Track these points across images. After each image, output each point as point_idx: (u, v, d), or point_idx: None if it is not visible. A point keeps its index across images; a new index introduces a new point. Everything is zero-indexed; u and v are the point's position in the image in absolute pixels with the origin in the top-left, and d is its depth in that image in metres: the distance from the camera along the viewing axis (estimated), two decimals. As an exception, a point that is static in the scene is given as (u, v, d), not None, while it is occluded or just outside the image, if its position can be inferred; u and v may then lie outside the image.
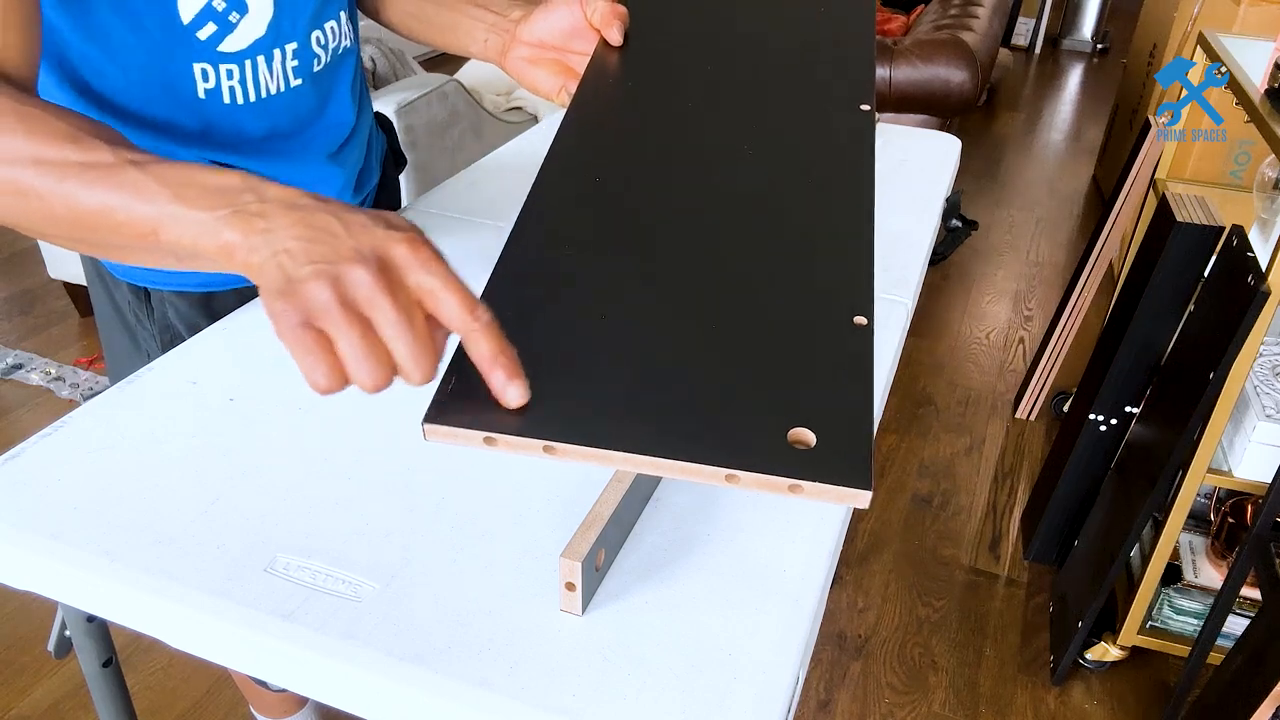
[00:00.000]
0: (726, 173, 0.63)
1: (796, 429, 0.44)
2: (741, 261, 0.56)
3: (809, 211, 0.59)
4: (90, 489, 0.63)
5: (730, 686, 0.51)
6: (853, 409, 0.45)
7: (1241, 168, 2.17)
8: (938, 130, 1.40)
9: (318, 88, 0.87)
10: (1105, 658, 1.59)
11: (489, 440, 0.46)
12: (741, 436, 0.45)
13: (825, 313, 0.51)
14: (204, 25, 0.75)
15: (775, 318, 0.51)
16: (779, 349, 0.50)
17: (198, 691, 1.52)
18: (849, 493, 0.42)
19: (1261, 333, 1.24)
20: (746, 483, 0.43)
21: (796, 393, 0.47)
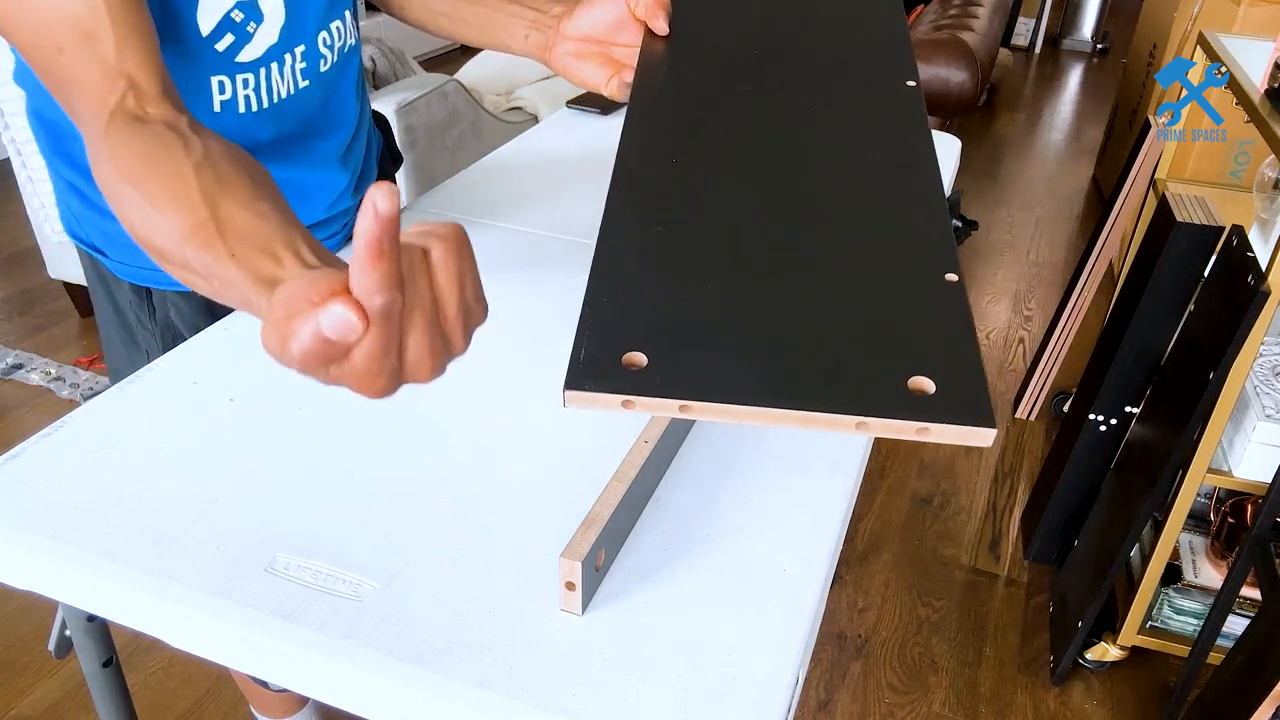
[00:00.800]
0: (795, 150, 0.65)
1: (916, 377, 0.46)
2: (830, 230, 0.58)
3: (882, 181, 0.62)
4: (90, 489, 0.63)
5: (730, 686, 0.51)
6: (965, 356, 0.48)
7: (1241, 168, 2.17)
8: (938, 130, 1.40)
9: (323, 88, 0.87)
10: (1105, 658, 1.59)
11: (627, 403, 0.48)
12: (865, 386, 0.47)
13: (920, 271, 0.53)
14: (222, 37, 0.75)
15: (874, 277, 0.54)
16: (883, 305, 0.52)
17: (198, 691, 1.52)
18: (973, 432, 0.44)
19: (1261, 333, 1.24)
20: (875, 429, 0.45)
21: (909, 344, 0.49)
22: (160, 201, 0.58)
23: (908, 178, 0.62)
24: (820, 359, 0.49)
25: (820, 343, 0.50)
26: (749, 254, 0.57)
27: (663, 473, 0.66)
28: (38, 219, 2.31)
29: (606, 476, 0.59)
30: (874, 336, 0.50)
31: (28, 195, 2.27)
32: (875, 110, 0.69)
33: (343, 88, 0.90)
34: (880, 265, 0.55)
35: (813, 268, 0.55)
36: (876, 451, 2.14)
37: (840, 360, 0.49)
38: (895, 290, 0.53)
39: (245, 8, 0.76)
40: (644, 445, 0.62)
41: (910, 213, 0.59)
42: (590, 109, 1.33)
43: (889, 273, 0.54)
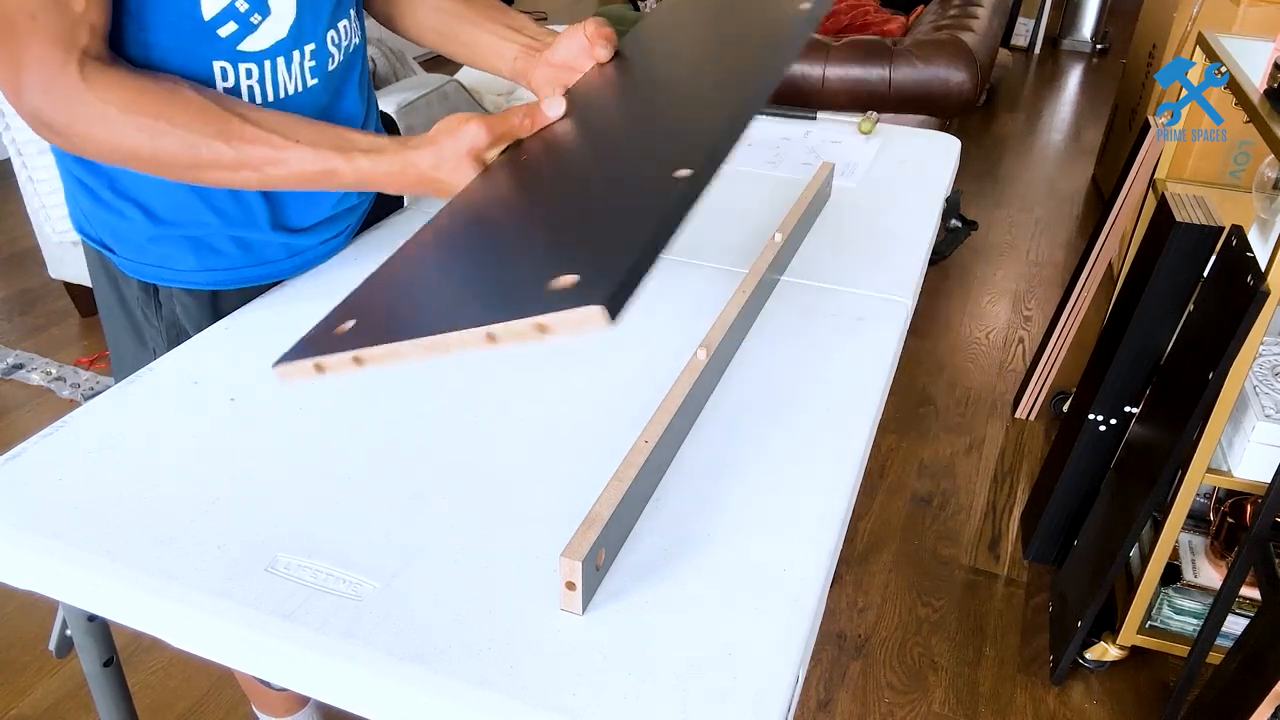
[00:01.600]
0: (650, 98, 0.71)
1: (561, 277, 0.45)
2: (613, 151, 0.61)
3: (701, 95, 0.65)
4: (91, 489, 0.63)
5: (730, 686, 0.51)
6: (623, 245, 0.46)
7: (1241, 168, 2.17)
8: (938, 130, 1.40)
9: (330, 86, 0.88)
10: (1105, 657, 1.59)
11: (317, 366, 0.52)
12: (508, 297, 0.47)
13: (652, 170, 0.54)
14: (225, 24, 0.76)
15: (606, 186, 0.56)
16: (593, 212, 0.53)
17: (198, 691, 1.52)
18: (585, 313, 0.42)
19: (1261, 333, 1.24)
20: (504, 337, 0.45)
21: (579, 245, 0.49)
22: (183, 119, 0.71)
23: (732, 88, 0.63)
24: (487, 281, 0.51)
25: (500, 267, 0.52)
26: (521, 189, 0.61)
27: (663, 473, 0.66)
28: (38, 219, 2.31)
29: (606, 476, 0.59)
30: (556, 244, 0.51)
31: (28, 195, 2.27)
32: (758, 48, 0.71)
33: (349, 86, 0.91)
34: (626, 170, 0.56)
35: (564, 190, 0.58)
36: (876, 452, 2.14)
37: (503, 277, 0.50)
38: (618, 192, 0.54)
39: (251, 0, 0.77)
40: (644, 445, 0.62)
41: (698, 117, 0.60)
42: (590, 109, 1.32)
43: (627, 175, 0.55)
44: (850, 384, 0.77)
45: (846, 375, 0.78)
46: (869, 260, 0.97)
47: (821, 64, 2.46)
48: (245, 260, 0.87)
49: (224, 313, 0.87)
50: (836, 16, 3.59)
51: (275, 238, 0.88)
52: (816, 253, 0.98)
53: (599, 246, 0.48)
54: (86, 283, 2.40)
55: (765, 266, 0.86)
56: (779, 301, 0.89)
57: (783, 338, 0.83)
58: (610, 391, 0.76)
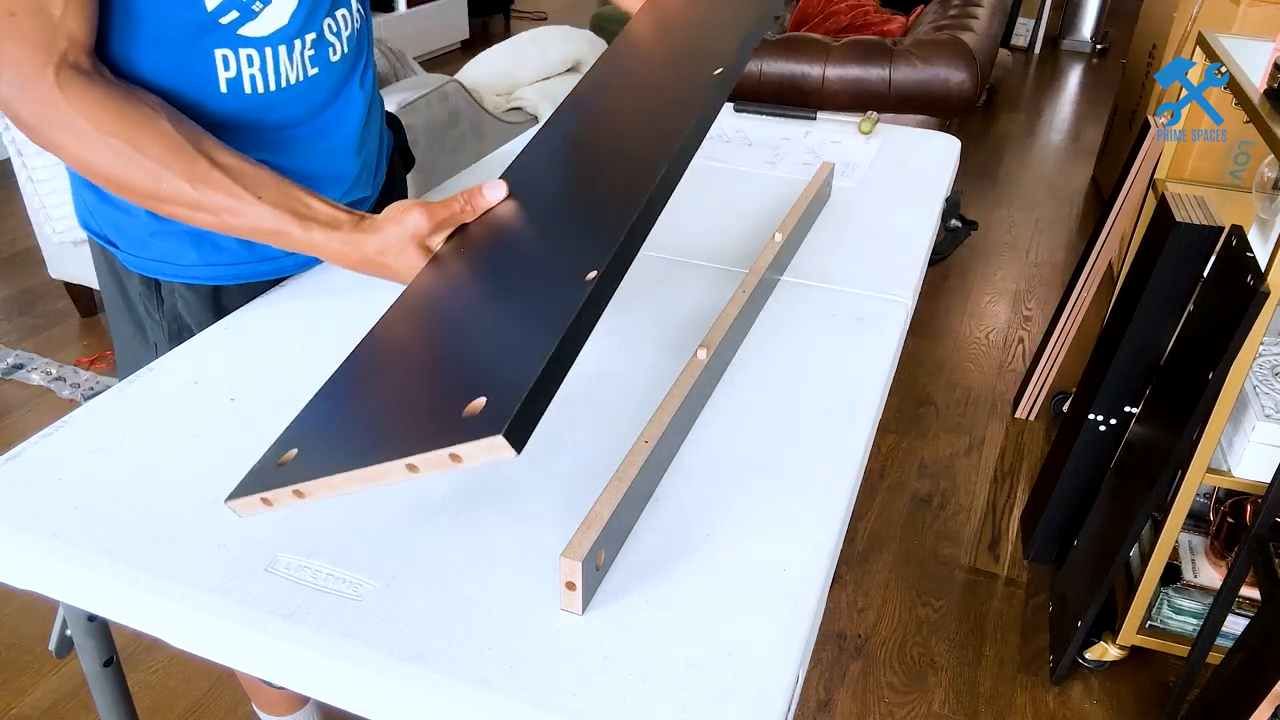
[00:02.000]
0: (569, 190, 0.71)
1: (474, 400, 0.45)
2: (529, 253, 0.61)
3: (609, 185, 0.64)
4: (91, 489, 0.63)
5: (730, 686, 0.51)
6: (527, 362, 0.46)
7: (1241, 168, 2.17)
8: (938, 130, 1.40)
9: (333, 77, 0.88)
10: (1105, 657, 1.59)
11: (264, 500, 0.53)
12: (430, 424, 0.47)
13: (562, 275, 0.53)
14: (227, 11, 0.77)
15: (519, 292, 0.55)
16: (504, 324, 0.53)
17: (199, 690, 1.52)
18: (489, 443, 0.42)
19: (1261, 333, 1.24)
20: (424, 467, 0.45)
21: (495, 362, 0.49)
22: (152, 150, 0.70)
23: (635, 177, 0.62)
24: (411, 410, 0.51)
25: (420, 393, 0.52)
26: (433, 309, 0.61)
27: (663, 473, 0.66)
28: (38, 219, 2.31)
29: (606, 476, 0.59)
30: (475, 362, 0.50)
31: (28, 195, 2.27)
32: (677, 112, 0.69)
33: (353, 80, 0.91)
34: (536, 277, 0.56)
35: (486, 304, 0.57)
36: (876, 452, 2.14)
37: (423, 403, 0.51)
38: (529, 301, 0.53)
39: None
40: (644, 445, 0.62)
41: (605, 215, 0.59)
42: (590, 109, 1.32)
43: (537, 282, 0.55)
44: (850, 384, 0.77)
45: (846, 375, 0.78)
46: (869, 260, 0.97)
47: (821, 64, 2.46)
48: (247, 256, 0.87)
49: (226, 308, 0.87)
50: (836, 17, 3.59)
51: None
52: (816, 253, 0.98)
53: (506, 363, 0.48)
54: (86, 282, 2.40)
55: (765, 266, 0.86)
56: (779, 301, 0.89)
57: (783, 338, 0.83)
58: (610, 391, 0.76)
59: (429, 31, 4.83)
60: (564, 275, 0.54)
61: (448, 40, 5.00)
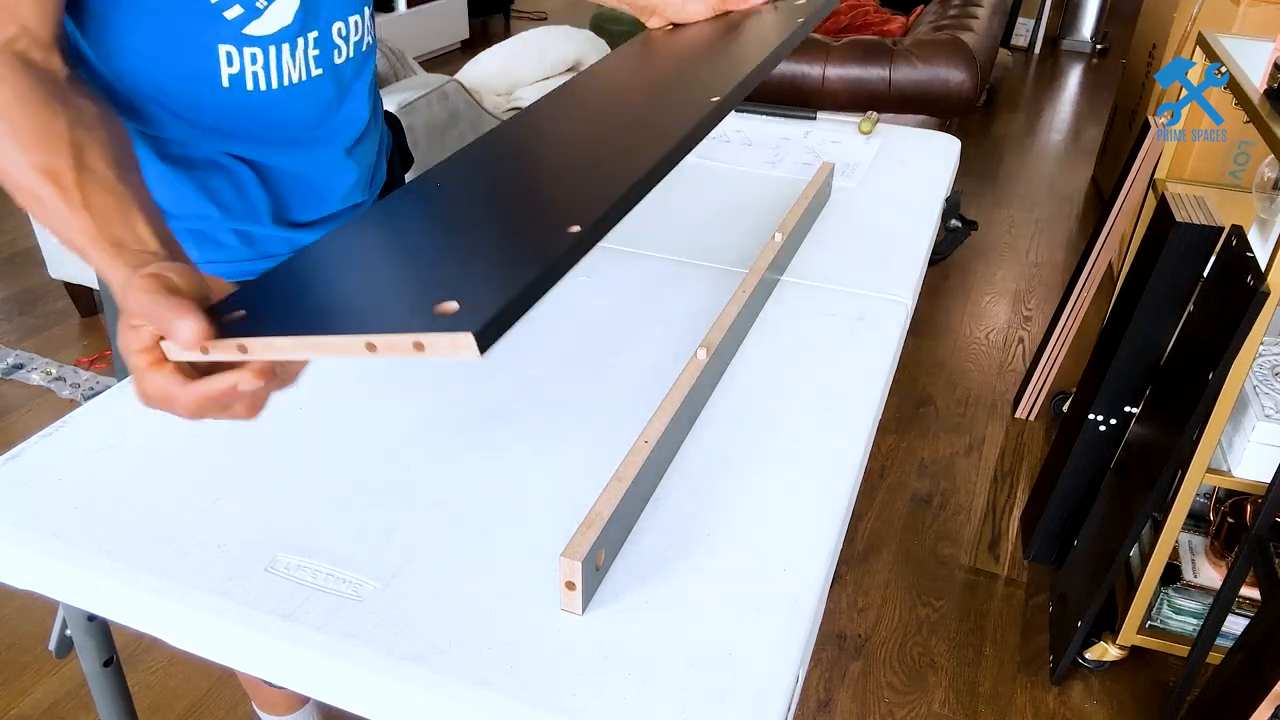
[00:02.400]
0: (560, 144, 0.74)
1: (445, 303, 0.49)
2: (520, 193, 0.65)
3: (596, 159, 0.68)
4: (91, 489, 0.63)
5: (730, 686, 0.51)
6: (506, 280, 0.50)
7: (1241, 168, 2.17)
8: (938, 130, 1.40)
9: (337, 81, 0.88)
10: (1105, 657, 1.59)
11: (203, 348, 0.53)
12: (394, 312, 0.50)
13: (548, 222, 0.57)
14: (230, 6, 0.77)
15: (503, 227, 0.59)
16: (487, 247, 0.57)
17: (198, 690, 1.52)
18: (458, 338, 0.46)
19: (1261, 333, 1.24)
20: (383, 349, 0.48)
21: (468, 275, 0.52)
22: (25, 137, 0.65)
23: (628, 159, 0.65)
24: (378, 294, 0.55)
25: (390, 281, 0.56)
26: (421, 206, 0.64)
27: (663, 473, 0.66)
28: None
29: (606, 476, 0.59)
30: (448, 272, 0.54)
31: (28, 195, 2.27)
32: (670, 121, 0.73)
33: (358, 85, 0.92)
34: (523, 217, 0.60)
35: (459, 221, 0.61)
36: (876, 452, 2.14)
37: (393, 292, 0.54)
38: (513, 236, 0.58)
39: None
40: (644, 445, 0.62)
41: (596, 182, 0.63)
42: (590, 109, 1.32)
43: (523, 222, 0.59)
44: (850, 384, 0.77)
45: (846, 375, 0.78)
46: (869, 260, 0.97)
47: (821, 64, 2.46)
48: (247, 254, 0.88)
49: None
50: (836, 17, 3.59)
51: (277, 232, 0.88)
52: (816, 253, 0.98)
53: (484, 281, 0.51)
54: (86, 282, 2.40)
55: (765, 266, 0.86)
56: (779, 301, 0.89)
57: (783, 338, 0.83)
58: (610, 391, 0.76)
59: (429, 31, 4.83)
60: (549, 222, 0.58)
61: (448, 40, 5.00)
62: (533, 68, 2.74)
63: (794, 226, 0.94)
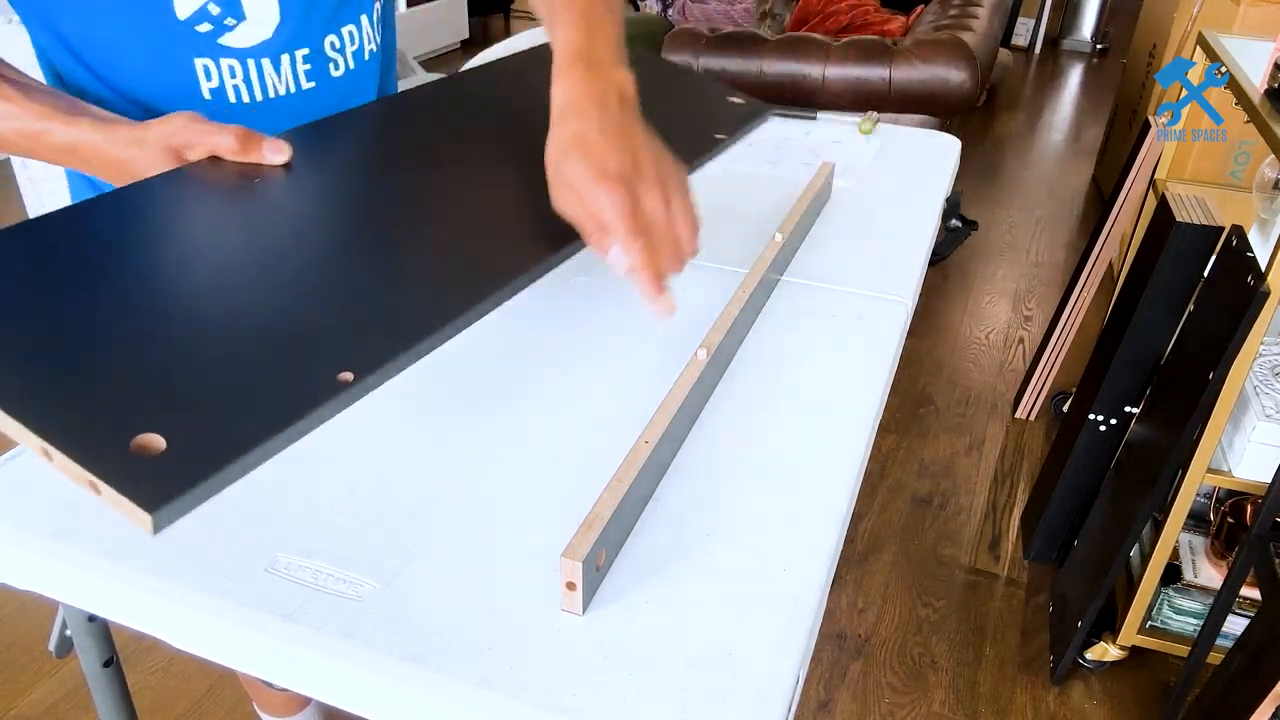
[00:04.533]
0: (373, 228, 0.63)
1: (149, 435, 0.41)
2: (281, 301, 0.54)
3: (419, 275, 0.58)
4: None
5: (730, 686, 0.51)
6: (238, 435, 0.42)
7: (1241, 168, 2.17)
8: (938, 130, 1.40)
9: (337, 93, 0.87)
10: (1105, 657, 1.59)
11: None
12: (93, 425, 0.42)
13: (313, 365, 0.49)
14: (201, 22, 0.76)
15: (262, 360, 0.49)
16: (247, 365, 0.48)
17: (198, 691, 1.52)
18: (134, 510, 0.38)
19: (1261, 333, 1.24)
20: (58, 463, 0.41)
21: (196, 408, 0.44)
22: None
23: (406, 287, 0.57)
24: (89, 391, 0.44)
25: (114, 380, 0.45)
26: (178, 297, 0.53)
27: (663, 473, 0.66)
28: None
29: (606, 476, 0.59)
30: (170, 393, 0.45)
31: (27, 195, 2.27)
32: None
33: (363, 95, 0.90)
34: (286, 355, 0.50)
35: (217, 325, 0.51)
36: (876, 452, 2.14)
37: (105, 399, 0.44)
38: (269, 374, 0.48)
39: (223, 4, 0.76)
40: (644, 445, 0.62)
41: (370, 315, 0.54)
42: (590, 109, 1.32)
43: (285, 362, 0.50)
44: (850, 384, 0.77)
45: (846, 375, 0.78)
46: (869, 260, 0.97)
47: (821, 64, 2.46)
48: None
49: None
50: (836, 17, 3.59)
51: None
52: (816, 253, 0.98)
53: (216, 418, 0.43)
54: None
55: (765, 266, 0.86)
56: (779, 301, 0.89)
57: (783, 338, 0.83)
58: (610, 391, 0.76)
59: (429, 31, 4.83)
60: (315, 366, 0.49)
61: (448, 40, 5.00)
62: (533, 68, 2.74)
63: (794, 226, 0.94)
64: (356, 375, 0.48)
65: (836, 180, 1.15)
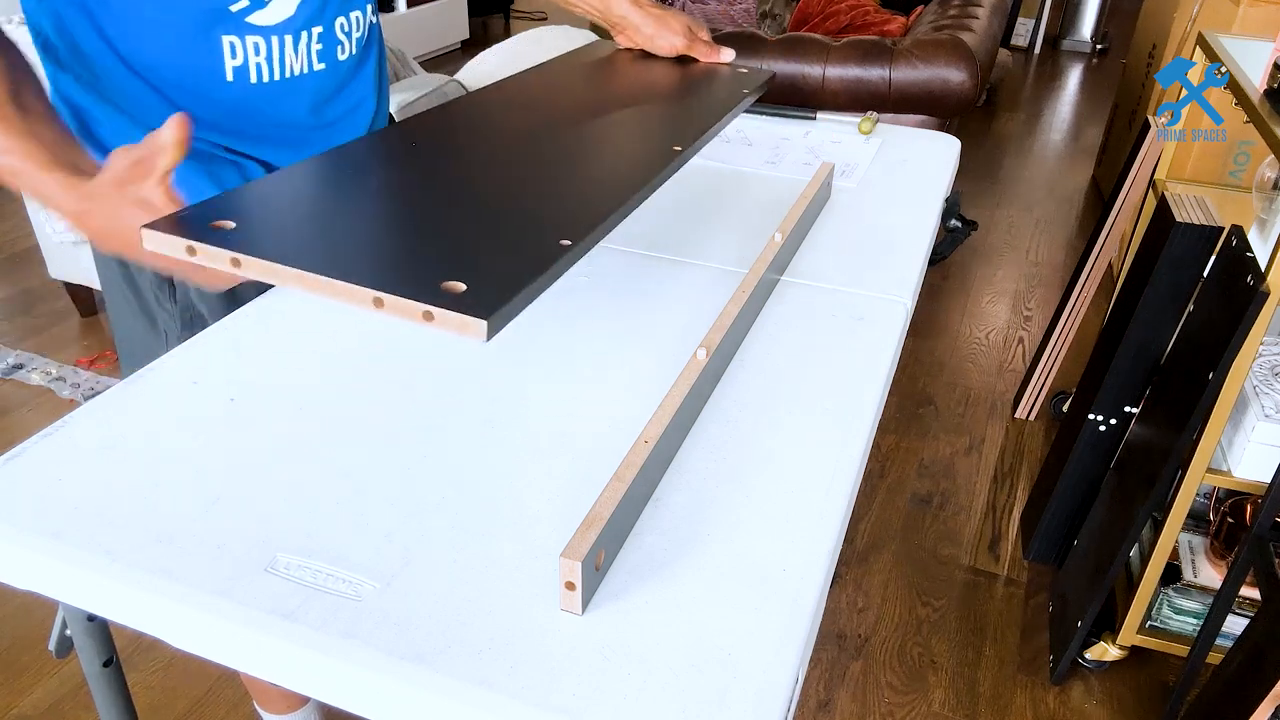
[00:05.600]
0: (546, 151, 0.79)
1: (451, 281, 0.53)
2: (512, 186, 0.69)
3: (579, 180, 0.74)
4: (91, 489, 0.63)
5: (730, 686, 0.51)
6: (512, 275, 0.54)
7: (1241, 168, 2.17)
8: (937, 130, 1.40)
9: (339, 76, 0.90)
10: (1104, 657, 1.59)
11: (190, 249, 0.55)
12: (403, 276, 0.53)
13: (542, 229, 0.63)
14: (235, 1, 0.78)
15: (507, 223, 0.63)
16: (490, 238, 0.61)
17: (198, 690, 1.52)
18: (468, 321, 0.50)
19: (1261, 333, 1.24)
20: (390, 308, 0.51)
21: (475, 261, 0.56)
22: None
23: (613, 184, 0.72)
24: (387, 252, 0.58)
25: (402, 245, 0.59)
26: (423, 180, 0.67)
27: (663, 473, 0.66)
28: (38, 219, 2.31)
29: (606, 476, 0.59)
30: (452, 252, 0.57)
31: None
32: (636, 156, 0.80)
33: (360, 80, 0.93)
34: (523, 219, 0.64)
35: (465, 203, 0.65)
36: (876, 452, 2.14)
37: (402, 258, 0.57)
38: (514, 234, 0.62)
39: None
40: (644, 445, 0.62)
41: (588, 198, 0.69)
42: (590, 109, 1.33)
43: (523, 224, 0.64)
44: (850, 384, 0.77)
45: (846, 375, 0.78)
46: (869, 260, 0.97)
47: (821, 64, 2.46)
48: None
49: (241, 298, 0.87)
50: (836, 17, 3.59)
51: None
52: (816, 253, 0.98)
53: (489, 273, 0.55)
54: (86, 282, 2.40)
55: (765, 266, 0.86)
56: (779, 301, 0.89)
57: (783, 338, 0.84)
58: (610, 391, 0.76)
59: (429, 31, 4.83)
60: (542, 231, 0.62)
61: (448, 40, 5.00)
62: (533, 68, 2.74)
63: (794, 226, 0.94)
64: (573, 241, 0.61)
65: (836, 180, 1.15)
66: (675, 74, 1.06)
